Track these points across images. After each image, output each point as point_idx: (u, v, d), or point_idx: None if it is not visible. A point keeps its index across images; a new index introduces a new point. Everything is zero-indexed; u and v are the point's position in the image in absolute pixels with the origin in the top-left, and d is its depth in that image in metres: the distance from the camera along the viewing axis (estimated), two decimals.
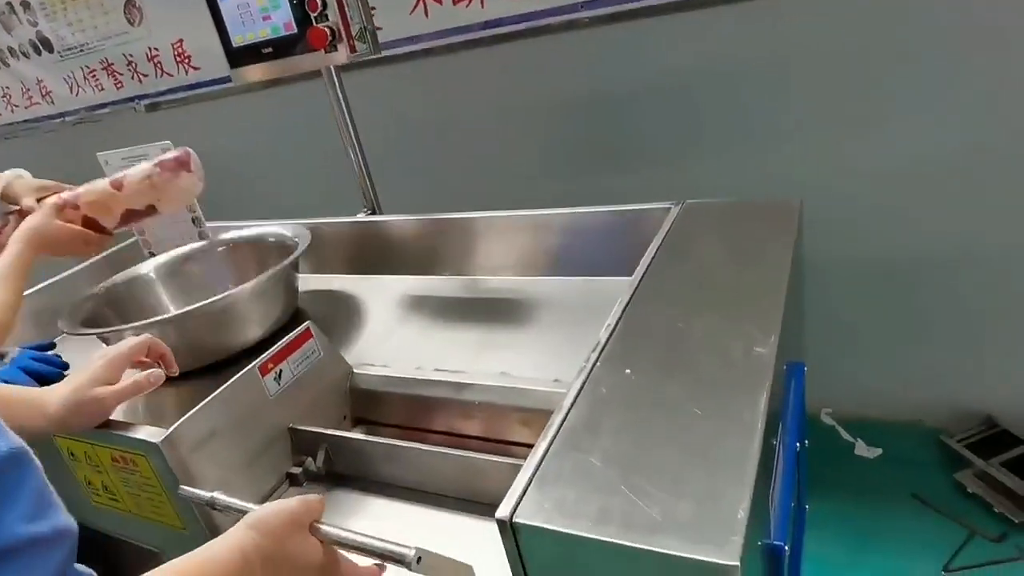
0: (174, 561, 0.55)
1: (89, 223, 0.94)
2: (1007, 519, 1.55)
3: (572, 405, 0.59)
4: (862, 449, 1.87)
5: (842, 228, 1.70)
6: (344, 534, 0.57)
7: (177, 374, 0.82)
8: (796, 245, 0.80)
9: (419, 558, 0.51)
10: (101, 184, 0.95)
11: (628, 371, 0.62)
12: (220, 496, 0.67)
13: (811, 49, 1.53)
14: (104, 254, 1.47)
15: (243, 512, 0.62)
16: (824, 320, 1.87)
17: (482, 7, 1.77)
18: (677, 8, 1.59)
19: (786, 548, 0.58)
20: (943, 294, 1.72)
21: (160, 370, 0.77)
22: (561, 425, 0.57)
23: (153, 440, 0.69)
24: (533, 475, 0.52)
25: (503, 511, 0.49)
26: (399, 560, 0.52)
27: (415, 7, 1.84)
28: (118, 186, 0.95)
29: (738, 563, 0.41)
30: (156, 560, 0.50)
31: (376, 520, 0.76)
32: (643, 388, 0.59)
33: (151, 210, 0.98)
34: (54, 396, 0.72)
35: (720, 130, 1.70)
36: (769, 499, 0.57)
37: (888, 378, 1.90)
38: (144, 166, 0.96)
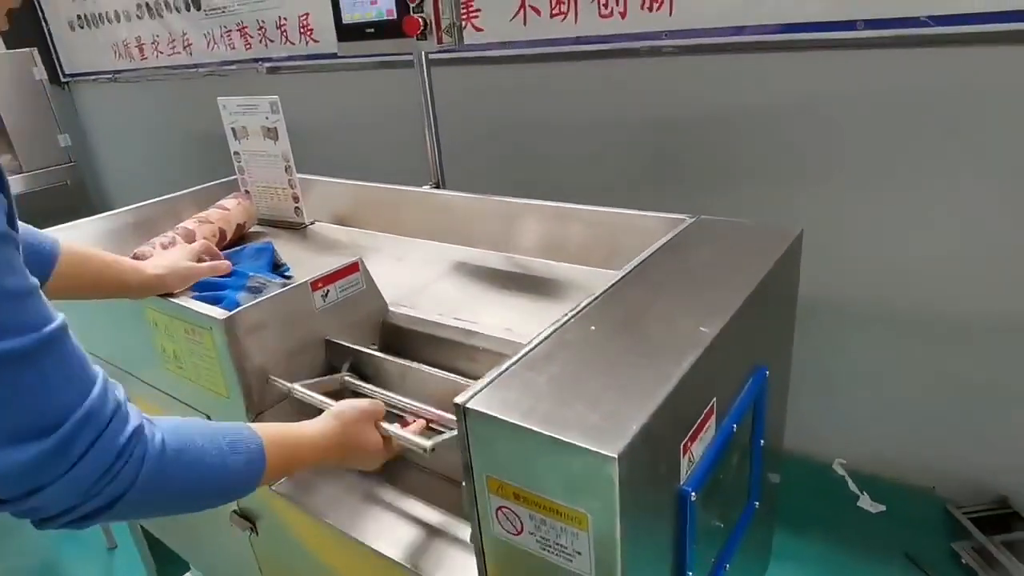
0: (275, 424, 0.80)
1: (221, 234, 1.41)
2: None
3: (539, 343, 0.73)
4: (866, 503, 1.90)
5: (879, 279, 1.75)
6: (396, 431, 0.84)
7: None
8: (781, 263, 0.91)
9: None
10: (215, 210, 1.46)
11: (592, 328, 0.75)
12: (298, 387, 0.92)
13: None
14: (205, 185, 1.70)
15: (321, 408, 0.88)
16: (851, 373, 1.92)
17: (575, 23, 1.92)
18: (746, 48, 1.70)
19: (693, 494, 0.70)
20: (977, 365, 1.74)
21: (227, 262, 1.08)
22: (525, 355, 0.71)
23: (219, 317, 0.88)
24: (490, 381, 0.66)
25: (460, 399, 0.63)
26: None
27: (516, 14, 2.01)
28: (225, 208, 1.47)
29: (615, 456, 0.54)
30: None
31: None
32: (598, 340, 0.72)
33: (242, 227, 1.51)
34: (150, 265, 0.97)
35: (767, 166, 1.79)
36: (682, 450, 0.69)
37: (907, 442, 1.92)
38: (232, 200, 1.51)
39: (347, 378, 0.98)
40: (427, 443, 0.79)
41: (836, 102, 1.65)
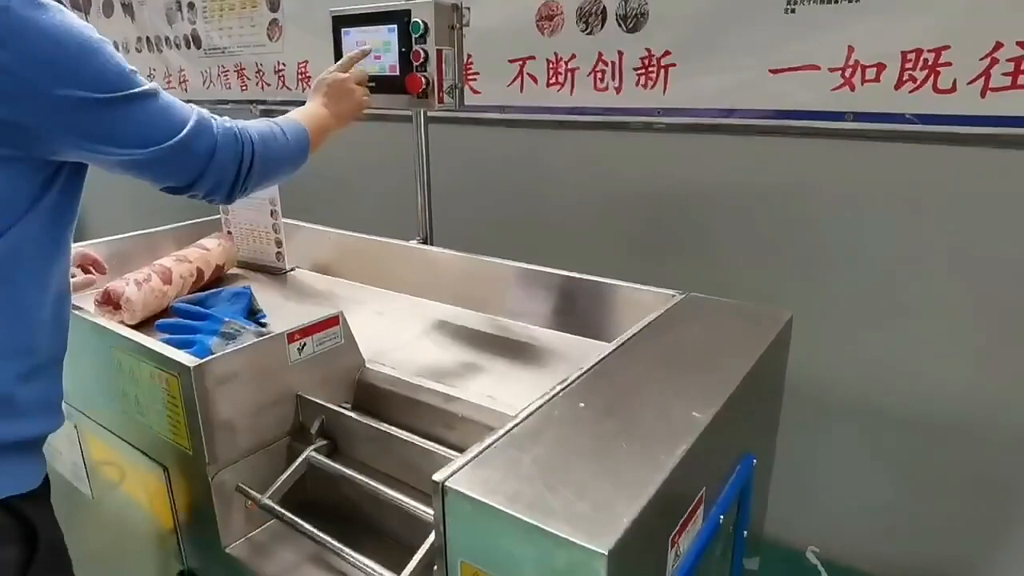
0: (293, 111, 1.11)
1: (199, 274, 1.41)
2: None
3: (526, 418, 0.69)
4: None
5: (862, 369, 1.75)
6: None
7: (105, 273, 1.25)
8: (772, 348, 0.90)
9: None
10: (195, 249, 1.48)
11: (581, 404, 0.72)
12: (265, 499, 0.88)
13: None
14: (188, 223, 1.66)
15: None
16: (830, 462, 1.89)
17: (571, 94, 1.95)
18: (737, 130, 1.73)
19: None
20: (958, 464, 1.71)
21: (92, 276, 1.22)
22: (510, 430, 0.67)
23: (188, 364, 0.83)
24: (473, 458, 0.62)
25: (440, 475, 0.59)
26: None
27: (513, 80, 2.04)
28: (205, 248, 1.48)
29: (605, 553, 0.50)
30: None
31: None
32: (587, 419, 0.69)
33: (221, 268, 1.51)
34: None
35: (753, 245, 1.80)
36: (670, 543, 0.65)
37: (883, 535, 1.88)
38: (212, 240, 1.53)
39: (312, 455, 0.93)
40: None
41: (822, 188, 1.68)
